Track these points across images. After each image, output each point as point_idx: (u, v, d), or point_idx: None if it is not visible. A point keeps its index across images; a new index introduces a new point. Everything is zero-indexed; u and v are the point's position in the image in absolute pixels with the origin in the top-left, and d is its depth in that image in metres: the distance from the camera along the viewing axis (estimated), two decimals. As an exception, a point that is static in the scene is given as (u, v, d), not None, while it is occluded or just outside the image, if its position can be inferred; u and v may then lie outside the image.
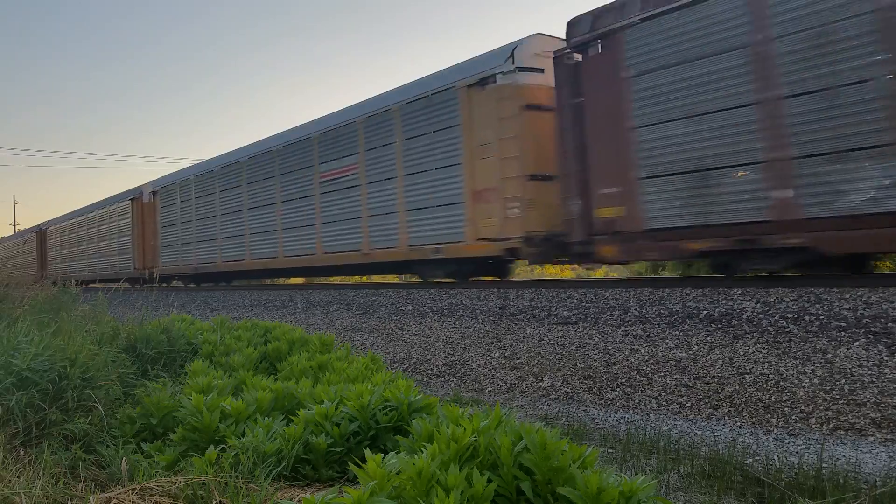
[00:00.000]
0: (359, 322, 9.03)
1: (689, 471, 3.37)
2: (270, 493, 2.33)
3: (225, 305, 13.14)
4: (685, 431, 4.26)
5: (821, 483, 3.07)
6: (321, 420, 2.79)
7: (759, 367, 4.86)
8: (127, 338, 4.47)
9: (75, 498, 2.33)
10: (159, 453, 2.83)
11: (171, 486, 2.27)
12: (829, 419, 4.13)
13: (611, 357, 5.73)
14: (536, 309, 7.52)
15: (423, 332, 7.80)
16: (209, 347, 4.84)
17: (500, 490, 1.89)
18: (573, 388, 5.46)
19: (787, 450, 3.77)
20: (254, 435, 2.67)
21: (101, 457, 2.87)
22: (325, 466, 2.68)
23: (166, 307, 11.47)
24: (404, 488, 1.83)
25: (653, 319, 6.29)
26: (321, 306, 10.76)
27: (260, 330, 5.58)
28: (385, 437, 2.79)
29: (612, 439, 4.10)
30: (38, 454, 2.73)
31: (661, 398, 4.92)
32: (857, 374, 4.45)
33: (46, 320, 4.37)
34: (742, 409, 4.48)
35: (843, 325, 5.10)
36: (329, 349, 4.78)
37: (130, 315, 5.30)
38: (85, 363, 3.31)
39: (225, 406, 3.02)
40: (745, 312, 5.81)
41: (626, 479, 1.76)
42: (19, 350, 3.21)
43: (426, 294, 9.56)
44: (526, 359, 6.20)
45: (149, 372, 4.27)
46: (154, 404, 3.26)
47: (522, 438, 1.94)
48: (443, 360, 6.74)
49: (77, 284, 5.99)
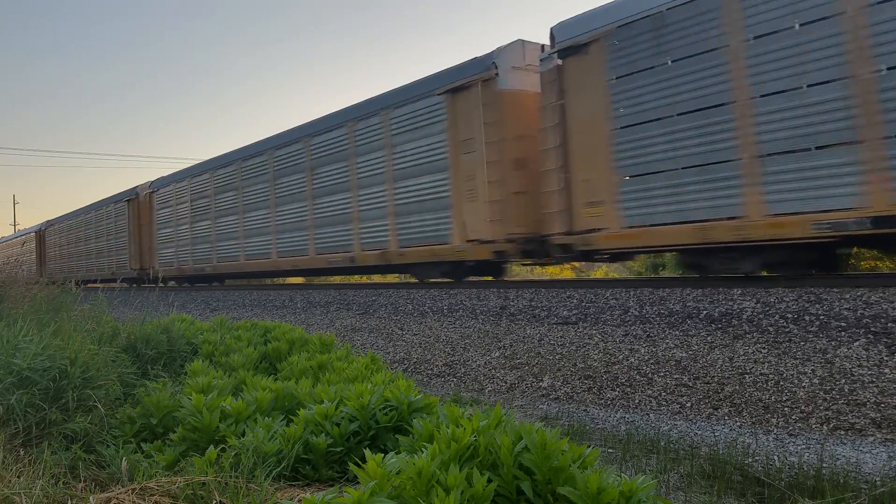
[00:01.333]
0: (359, 322, 9.03)
1: (689, 471, 3.37)
2: (270, 493, 2.32)
3: (225, 305, 13.14)
4: (685, 431, 4.26)
5: (821, 483, 3.07)
6: (321, 420, 2.79)
7: (759, 367, 4.86)
8: (127, 338, 4.48)
9: (75, 498, 2.33)
10: (159, 453, 2.83)
11: (171, 486, 2.27)
12: (829, 419, 4.13)
13: (611, 357, 5.73)
14: (536, 309, 7.52)
15: (423, 331, 7.80)
16: (209, 347, 4.84)
17: (500, 490, 1.89)
18: (573, 388, 5.45)
19: (787, 450, 3.77)
20: (254, 435, 2.67)
21: (101, 457, 2.87)
22: (325, 466, 2.68)
23: (166, 307, 11.47)
24: (404, 488, 1.83)
25: (653, 319, 6.29)
26: (321, 306, 10.76)
27: (260, 330, 5.58)
28: (385, 437, 2.79)
29: (612, 439, 4.10)
30: (39, 454, 2.73)
31: (661, 398, 4.92)
32: (857, 374, 4.45)
33: (46, 320, 4.37)
34: (742, 409, 4.47)
35: (843, 325, 5.10)
36: (329, 349, 4.79)
37: (130, 315, 5.30)
38: (85, 363, 3.31)
39: (225, 406, 3.02)
40: (745, 312, 5.81)
41: (626, 478, 1.75)
42: (19, 350, 3.21)
43: (426, 294, 9.56)
44: (526, 359, 6.20)
45: (149, 372, 4.28)
46: (154, 404, 3.26)
47: (522, 438, 1.94)
48: (443, 360, 6.74)
49: (77, 284, 6.03)
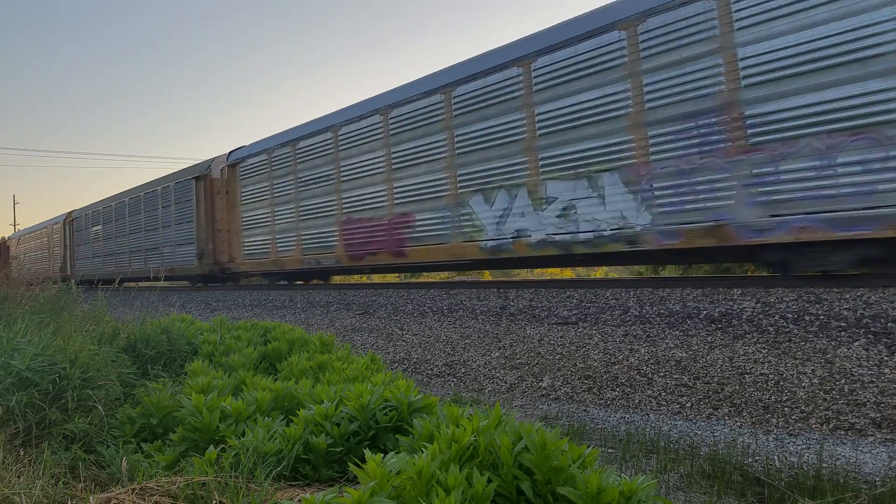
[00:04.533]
0: (359, 322, 9.03)
1: (689, 471, 3.37)
2: (270, 493, 2.32)
3: (225, 305, 13.14)
4: (685, 431, 4.26)
5: (821, 483, 3.07)
6: (321, 420, 2.79)
7: (759, 367, 4.86)
8: (127, 338, 4.47)
9: (75, 498, 2.33)
10: (159, 453, 2.82)
11: (171, 486, 2.27)
12: (829, 419, 4.13)
13: (611, 357, 5.73)
14: (536, 309, 7.52)
15: (423, 332, 7.80)
16: (209, 347, 4.84)
17: (500, 490, 1.89)
18: (573, 388, 5.45)
19: (787, 450, 3.77)
20: (254, 435, 2.67)
21: (101, 457, 2.87)
22: (325, 466, 2.68)
23: (166, 307, 11.46)
24: (404, 488, 1.83)
25: (653, 319, 6.29)
26: (321, 306, 10.76)
27: (260, 330, 5.58)
28: (385, 437, 2.79)
29: (612, 439, 4.10)
30: (38, 454, 2.73)
31: (661, 398, 4.92)
32: (857, 374, 4.45)
33: (47, 320, 4.37)
34: (742, 409, 4.47)
35: (843, 325, 5.10)
36: (329, 349, 4.79)
37: (130, 315, 5.30)
38: (85, 363, 3.31)
39: (225, 406, 3.02)
40: (745, 312, 5.81)
41: (626, 478, 1.75)
42: (19, 350, 3.21)
43: (426, 294, 9.56)
44: (526, 359, 6.20)
45: (149, 372, 4.28)
46: (154, 404, 3.26)
47: (522, 438, 1.94)
48: (443, 360, 6.74)
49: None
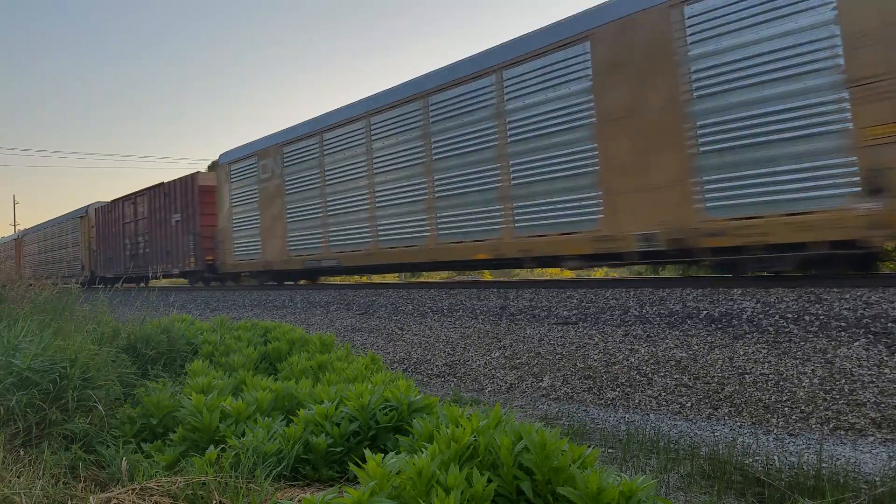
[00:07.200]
0: (359, 322, 9.03)
1: (689, 471, 3.37)
2: (270, 493, 2.32)
3: (225, 305, 13.14)
4: (685, 431, 4.26)
5: (821, 483, 3.07)
6: (321, 420, 2.79)
7: (759, 367, 4.86)
8: (127, 338, 4.47)
9: (75, 498, 2.33)
10: (159, 453, 2.82)
11: (171, 486, 2.27)
12: (829, 419, 4.12)
13: (611, 357, 5.72)
14: (536, 309, 7.52)
15: (423, 332, 7.80)
16: (209, 347, 4.84)
17: (500, 490, 1.89)
18: (573, 388, 5.45)
19: (787, 450, 3.77)
20: (254, 435, 2.67)
21: (101, 457, 2.87)
22: (325, 466, 2.68)
23: (166, 307, 11.45)
24: (404, 488, 1.83)
25: (653, 319, 6.29)
26: (321, 306, 10.75)
27: (260, 330, 5.58)
28: (385, 437, 2.79)
29: (612, 439, 4.10)
30: (39, 454, 2.73)
31: (661, 398, 4.92)
32: (857, 374, 4.45)
33: (47, 320, 4.37)
34: (742, 409, 4.47)
35: (843, 325, 5.10)
36: (329, 349, 4.79)
37: (131, 315, 5.30)
38: (85, 363, 3.31)
39: (225, 406, 3.02)
40: (745, 312, 5.81)
41: (626, 478, 1.75)
42: (20, 350, 3.21)
43: (426, 294, 9.56)
44: (526, 359, 6.20)
45: (149, 372, 4.27)
46: (154, 404, 3.26)
47: (522, 438, 1.94)
48: (443, 360, 6.73)
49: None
